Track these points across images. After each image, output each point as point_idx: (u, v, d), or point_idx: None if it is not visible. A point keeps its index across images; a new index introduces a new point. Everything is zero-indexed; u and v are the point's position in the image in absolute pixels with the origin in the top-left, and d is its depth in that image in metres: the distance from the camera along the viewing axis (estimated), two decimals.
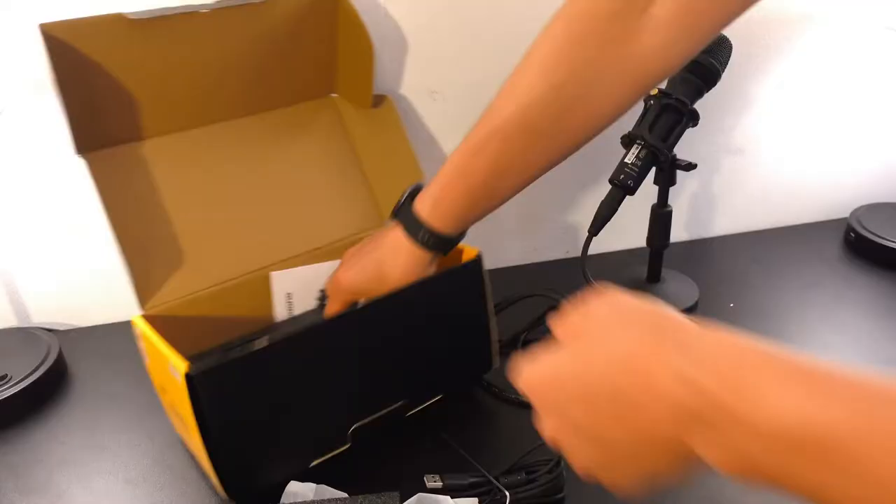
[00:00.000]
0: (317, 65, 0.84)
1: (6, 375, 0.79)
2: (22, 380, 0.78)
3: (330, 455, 0.66)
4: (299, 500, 0.62)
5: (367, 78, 0.83)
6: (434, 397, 0.72)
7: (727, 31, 0.85)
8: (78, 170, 0.86)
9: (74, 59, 0.69)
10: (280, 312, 0.79)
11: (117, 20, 0.69)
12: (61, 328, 0.94)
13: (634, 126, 0.83)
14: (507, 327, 0.84)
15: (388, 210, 0.79)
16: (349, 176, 0.84)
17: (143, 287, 0.71)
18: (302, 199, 0.81)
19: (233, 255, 0.75)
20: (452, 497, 0.60)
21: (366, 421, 0.66)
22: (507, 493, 0.60)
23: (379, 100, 0.86)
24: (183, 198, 0.76)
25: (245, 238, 0.77)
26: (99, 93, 0.72)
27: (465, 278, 0.70)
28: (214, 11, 0.73)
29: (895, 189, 1.12)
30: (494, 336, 0.73)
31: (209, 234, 0.75)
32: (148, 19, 0.70)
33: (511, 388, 0.77)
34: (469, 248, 0.71)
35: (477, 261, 0.70)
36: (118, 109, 0.74)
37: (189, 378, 0.54)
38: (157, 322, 0.68)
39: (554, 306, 0.81)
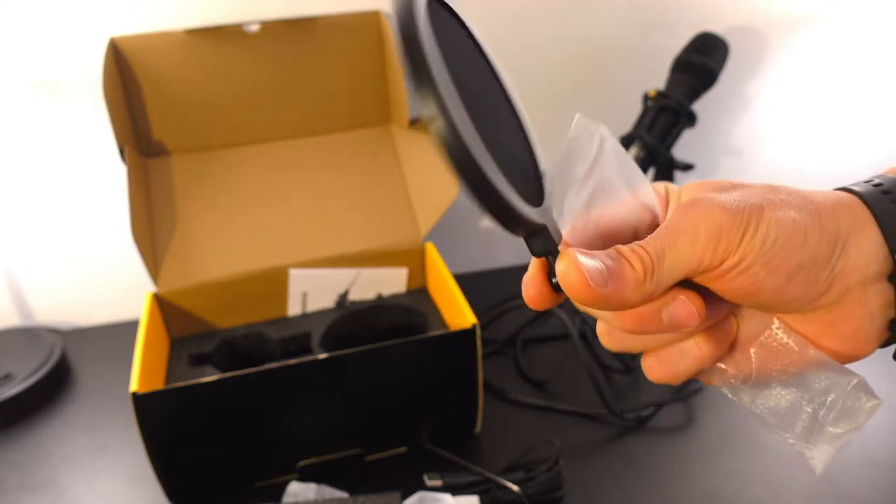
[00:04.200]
0: (370, 91, 0.87)
1: (10, 374, 0.80)
2: (26, 379, 0.79)
3: (275, 480, 0.67)
4: (300, 499, 0.63)
5: (403, 94, 0.84)
6: (398, 448, 0.70)
7: (725, 34, 0.86)
8: (82, 170, 0.87)
9: (132, 70, 0.78)
10: (293, 309, 0.80)
11: (174, 35, 0.78)
12: (65, 328, 0.94)
13: (633, 126, 0.84)
14: (506, 327, 0.85)
15: (426, 225, 0.80)
16: (390, 191, 0.85)
17: (158, 269, 0.75)
18: (337, 209, 0.82)
19: (257, 252, 0.78)
20: (453, 495, 0.61)
21: (312, 461, 0.66)
22: (517, 487, 0.61)
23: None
24: (218, 203, 0.81)
25: (272, 240, 0.79)
26: (151, 104, 0.80)
27: (454, 347, 0.66)
28: (263, 29, 0.80)
29: None
30: (480, 403, 0.70)
31: (237, 235, 0.79)
32: (201, 31, 0.78)
33: (510, 388, 0.77)
34: (468, 312, 0.67)
35: (471, 331, 0.66)
36: (167, 120, 0.81)
37: (135, 396, 0.58)
38: (170, 300, 0.74)
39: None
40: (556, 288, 0.30)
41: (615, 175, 0.32)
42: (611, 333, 0.33)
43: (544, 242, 0.29)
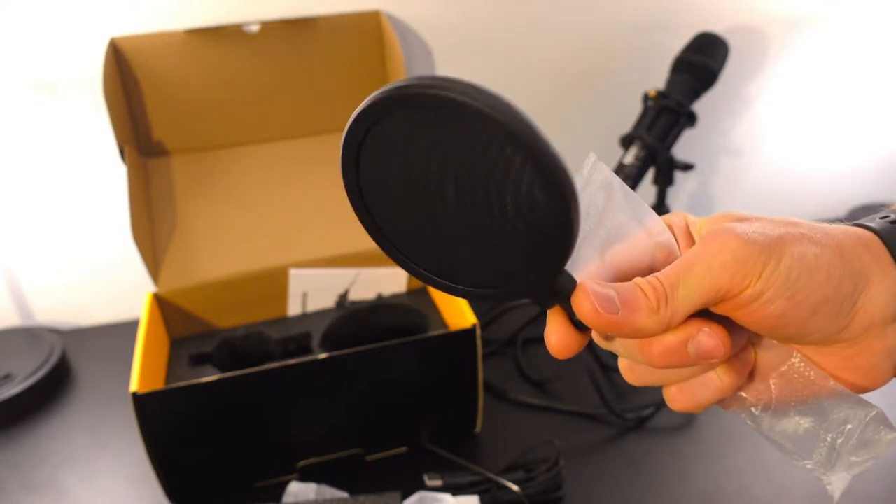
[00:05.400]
0: (370, 91, 0.86)
1: (10, 374, 0.80)
2: (26, 379, 0.79)
3: (275, 480, 0.67)
4: (300, 499, 0.63)
5: None
6: (398, 448, 0.70)
7: (725, 34, 0.86)
8: (82, 170, 0.87)
9: (132, 70, 0.78)
10: (293, 309, 0.80)
11: (174, 35, 0.78)
12: (65, 328, 0.94)
13: (633, 126, 0.84)
14: (506, 327, 0.85)
15: None
16: None
17: (158, 269, 0.75)
18: (337, 209, 0.82)
19: (257, 252, 0.78)
20: (453, 495, 0.61)
21: (312, 461, 0.66)
22: (518, 487, 0.61)
23: None
24: (218, 203, 0.80)
25: (272, 240, 0.79)
26: (151, 104, 0.80)
27: (454, 347, 0.66)
28: (263, 29, 0.81)
29: (890, 188, 1.13)
30: (480, 403, 0.70)
31: (237, 235, 0.79)
32: (201, 31, 0.78)
33: (510, 388, 0.77)
34: (468, 312, 0.67)
35: (471, 331, 0.65)
36: (167, 120, 0.81)
37: (135, 396, 0.58)
38: (170, 300, 0.74)
39: None
40: (580, 325, 0.30)
41: (627, 218, 0.31)
42: (634, 369, 0.33)
43: (549, 300, 0.30)
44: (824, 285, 0.29)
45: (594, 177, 0.32)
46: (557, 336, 0.31)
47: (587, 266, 0.30)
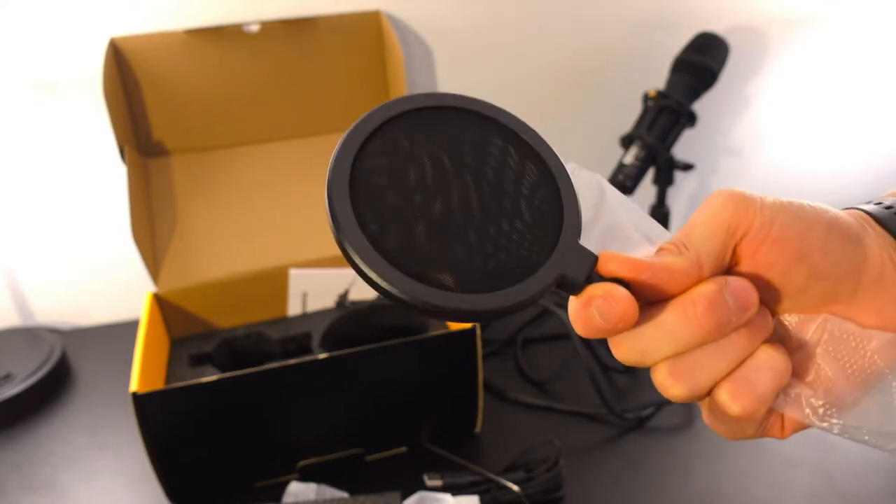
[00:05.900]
0: (370, 91, 0.87)
1: (10, 374, 0.80)
2: (26, 379, 0.79)
3: (275, 480, 0.67)
4: (300, 499, 0.63)
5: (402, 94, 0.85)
6: (398, 448, 0.70)
7: (725, 34, 0.86)
8: (82, 170, 0.87)
9: (132, 70, 0.79)
10: (293, 309, 0.80)
11: (174, 35, 0.78)
12: (65, 328, 0.94)
13: (633, 126, 0.84)
14: (505, 327, 0.85)
15: None
16: None
17: (158, 269, 0.75)
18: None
19: (257, 252, 0.78)
20: (453, 495, 0.61)
21: (312, 461, 0.66)
22: (517, 487, 0.61)
23: None
24: (218, 203, 0.81)
25: (272, 240, 0.79)
26: (151, 104, 0.80)
27: (454, 347, 0.66)
28: (263, 29, 0.81)
29: (890, 188, 1.13)
30: (480, 403, 0.69)
31: (237, 234, 0.79)
32: (201, 31, 0.79)
33: (510, 388, 0.77)
34: None
35: (471, 331, 0.65)
36: (167, 120, 0.81)
37: (135, 396, 0.58)
38: (170, 300, 0.74)
39: (549, 308, 0.81)
40: (622, 282, 0.29)
41: (623, 219, 0.32)
42: (676, 370, 0.30)
43: (578, 278, 0.29)
44: (826, 213, 0.30)
45: (578, 174, 0.32)
46: (617, 295, 0.28)
47: None
